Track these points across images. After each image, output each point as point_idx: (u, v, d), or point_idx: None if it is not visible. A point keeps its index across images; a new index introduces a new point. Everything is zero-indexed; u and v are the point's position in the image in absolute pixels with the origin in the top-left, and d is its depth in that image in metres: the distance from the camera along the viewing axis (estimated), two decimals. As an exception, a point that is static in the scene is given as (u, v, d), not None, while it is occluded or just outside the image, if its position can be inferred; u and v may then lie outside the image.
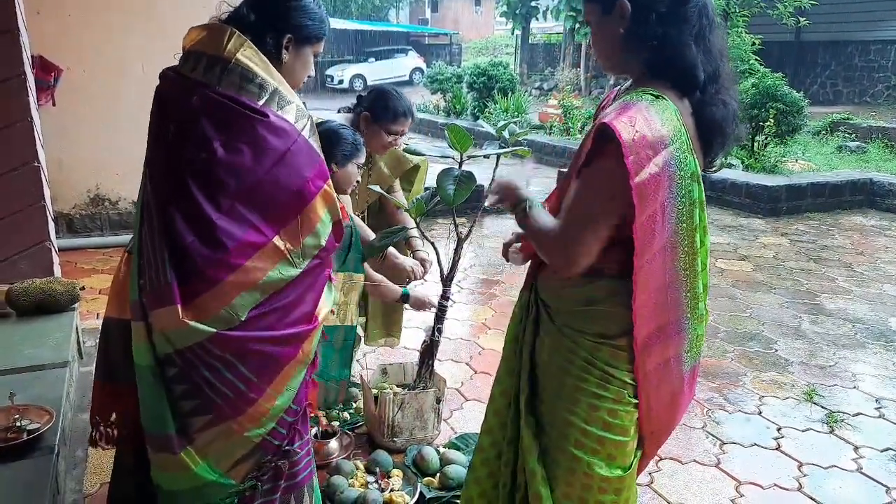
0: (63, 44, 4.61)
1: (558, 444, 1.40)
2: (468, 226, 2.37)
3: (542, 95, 17.38)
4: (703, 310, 1.37)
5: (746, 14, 10.56)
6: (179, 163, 1.36)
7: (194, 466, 1.42)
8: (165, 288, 1.34)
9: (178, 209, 1.34)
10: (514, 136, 2.26)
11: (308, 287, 1.49)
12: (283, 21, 1.50)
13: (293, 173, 1.41)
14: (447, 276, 2.36)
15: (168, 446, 1.41)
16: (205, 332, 1.35)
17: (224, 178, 1.34)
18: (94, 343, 3.31)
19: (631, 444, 1.39)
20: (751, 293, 4.33)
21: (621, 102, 1.24)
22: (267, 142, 1.38)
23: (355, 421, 2.66)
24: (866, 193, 6.85)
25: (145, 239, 1.40)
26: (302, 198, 1.42)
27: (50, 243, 3.06)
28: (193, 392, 1.40)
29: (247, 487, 1.49)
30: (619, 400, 1.35)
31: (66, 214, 5.00)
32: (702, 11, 1.26)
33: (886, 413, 2.89)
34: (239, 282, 1.36)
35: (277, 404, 1.47)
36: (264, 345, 1.42)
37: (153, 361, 1.40)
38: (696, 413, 2.85)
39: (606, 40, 1.33)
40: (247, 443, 1.45)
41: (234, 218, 1.35)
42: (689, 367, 1.40)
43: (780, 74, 7.76)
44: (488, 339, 3.59)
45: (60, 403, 2.13)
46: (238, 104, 1.37)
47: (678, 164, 1.23)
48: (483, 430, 1.62)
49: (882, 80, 13.47)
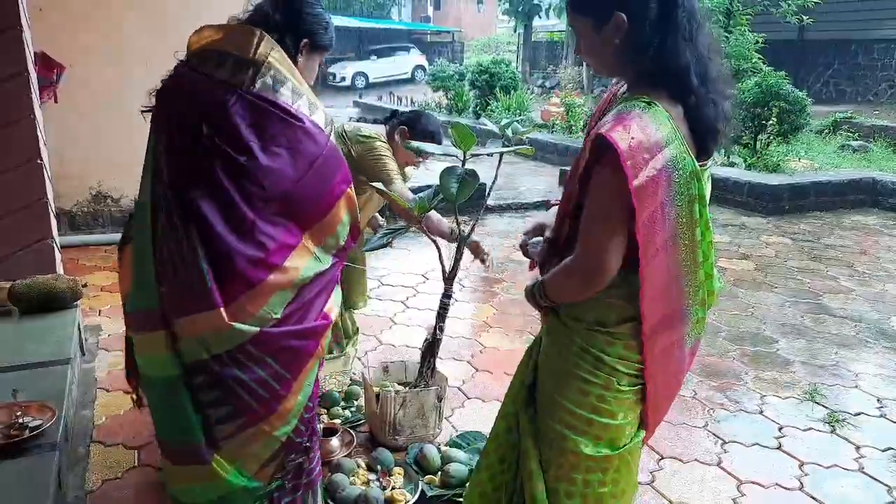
0: (65, 41, 4.61)
1: (548, 425, 1.47)
2: (470, 224, 2.37)
3: (544, 93, 17.35)
4: (705, 295, 1.42)
5: (749, 13, 10.52)
6: (212, 163, 1.33)
7: (226, 474, 1.41)
8: (202, 291, 1.31)
9: (215, 210, 1.32)
10: (517, 135, 2.26)
11: (326, 284, 1.51)
12: (303, 25, 1.56)
13: (324, 177, 1.44)
14: (449, 274, 2.36)
15: (197, 457, 1.39)
16: (248, 332, 1.34)
17: (262, 180, 1.35)
18: (96, 340, 3.32)
19: (619, 427, 1.44)
20: (752, 292, 4.33)
21: (616, 112, 1.28)
22: (303, 146, 1.40)
23: (357, 419, 2.66)
24: (869, 192, 6.83)
25: (165, 244, 1.36)
26: (329, 201, 1.46)
27: (52, 240, 3.06)
28: (225, 398, 1.38)
29: (274, 489, 1.50)
30: (608, 387, 1.40)
31: (69, 211, 5.01)
32: (690, 14, 1.29)
33: (888, 413, 2.89)
34: (277, 281, 1.37)
35: (300, 400, 1.48)
36: (292, 339, 1.42)
37: (178, 371, 1.37)
38: (697, 412, 2.85)
39: (601, 51, 1.36)
40: (275, 442, 1.46)
41: (269, 219, 1.36)
42: (690, 345, 1.47)
43: (783, 73, 7.73)
44: (490, 337, 3.59)
45: (63, 400, 2.14)
46: (276, 108, 1.38)
47: (675, 165, 1.27)
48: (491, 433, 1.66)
49: (885, 79, 13.43)
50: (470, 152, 2.19)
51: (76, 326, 2.77)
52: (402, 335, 3.57)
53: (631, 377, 1.41)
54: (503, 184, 7.24)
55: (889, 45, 13.31)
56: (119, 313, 3.71)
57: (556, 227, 1.46)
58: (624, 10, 1.28)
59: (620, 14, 1.28)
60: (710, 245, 1.40)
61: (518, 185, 7.51)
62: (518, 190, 7.28)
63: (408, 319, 3.78)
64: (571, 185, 1.36)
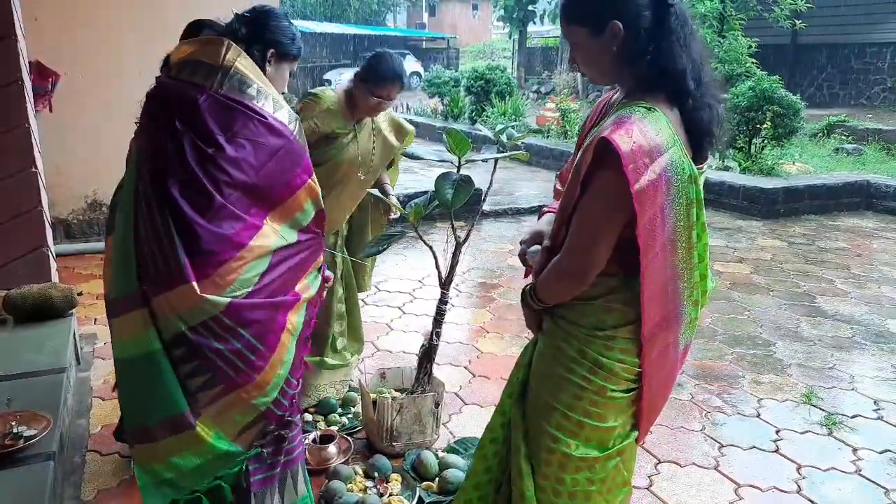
0: (60, 50, 4.61)
1: (539, 425, 1.48)
2: (466, 229, 2.37)
3: (539, 99, 17.39)
4: (698, 296, 1.44)
5: (743, 17, 10.60)
6: (184, 156, 1.48)
7: (209, 438, 1.51)
8: (177, 269, 1.44)
9: (185, 197, 1.46)
10: (511, 140, 2.27)
11: (298, 263, 1.62)
12: (269, 36, 1.73)
13: (283, 167, 1.58)
14: (445, 279, 2.36)
15: (181, 425, 1.49)
16: (220, 303, 1.47)
17: (228, 168, 1.50)
18: (91, 349, 3.31)
19: (608, 429, 1.45)
20: (748, 295, 4.34)
21: (617, 116, 1.30)
22: (265, 139, 1.55)
23: (354, 425, 2.66)
24: (863, 195, 6.87)
25: (144, 230, 1.49)
26: (289, 189, 1.60)
27: (47, 249, 3.05)
28: (203, 367, 1.49)
29: (252, 456, 1.58)
30: (600, 393, 1.41)
31: (64, 220, 5.00)
32: (683, 21, 1.32)
33: (885, 415, 2.89)
34: (244, 258, 1.50)
35: (280, 374, 1.58)
36: (261, 311, 1.53)
37: (159, 345, 1.48)
38: (694, 415, 2.86)
39: (598, 60, 1.38)
40: (253, 411, 1.56)
41: (235, 203, 1.51)
42: (683, 346, 1.48)
43: (777, 77, 7.77)
44: (486, 342, 3.59)
45: (58, 409, 2.13)
46: (240, 105, 1.54)
47: (675, 169, 1.29)
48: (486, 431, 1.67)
49: (878, 83, 13.52)
50: (465, 158, 2.20)
51: (71, 335, 2.77)
52: (398, 341, 3.57)
53: (626, 382, 1.42)
54: (499, 189, 7.25)
55: (881, 49, 13.40)
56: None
57: (554, 234, 1.46)
58: (619, 18, 1.30)
59: (616, 22, 1.30)
60: (706, 247, 1.43)
61: (514, 191, 7.53)
62: (514, 195, 7.30)
63: (404, 325, 3.78)
64: (571, 191, 1.37)
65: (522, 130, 2.48)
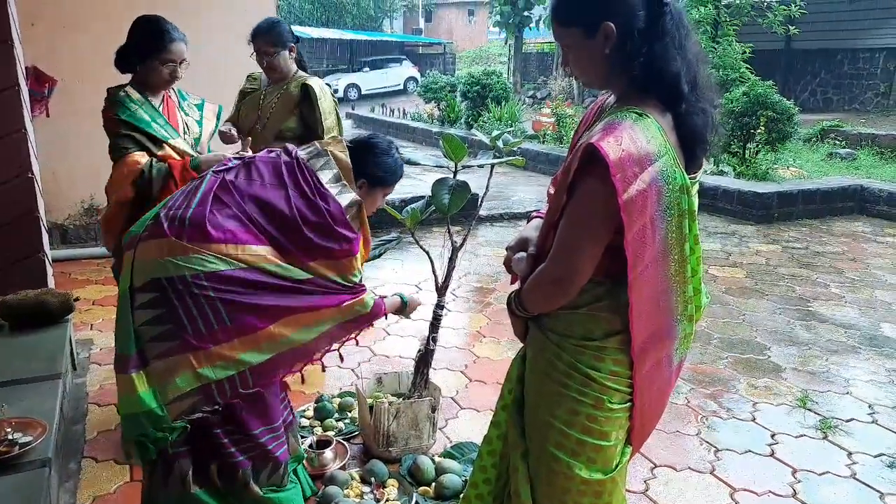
0: (57, 55, 4.62)
1: (539, 444, 1.44)
2: (463, 234, 2.38)
3: (535, 104, 17.44)
4: (692, 311, 1.40)
5: (737, 23, 10.66)
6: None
7: (140, 390, 1.58)
8: (160, 224, 1.67)
9: (212, 205, 1.74)
10: (507, 146, 2.28)
11: (307, 293, 1.74)
12: (364, 168, 1.95)
13: (299, 231, 1.78)
14: (442, 285, 2.37)
15: (124, 367, 1.61)
16: (210, 265, 1.62)
17: (246, 199, 1.76)
18: (87, 354, 3.30)
19: (612, 448, 1.41)
20: (743, 299, 4.36)
21: (607, 122, 1.26)
22: (305, 202, 1.80)
23: (350, 430, 2.66)
24: (857, 200, 6.91)
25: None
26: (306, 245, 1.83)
27: (44, 254, 3.05)
28: (166, 317, 1.60)
29: (176, 432, 1.62)
30: (598, 406, 1.37)
31: (60, 225, 4.99)
32: (678, 22, 1.28)
33: (879, 419, 2.91)
34: (225, 247, 1.66)
35: (239, 357, 1.64)
36: (241, 289, 1.64)
37: (127, 286, 1.66)
38: (690, 420, 2.86)
39: (590, 62, 1.33)
40: (195, 380, 1.61)
41: (244, 222, 1.71)
42: (677, 361, 1.45)
43: (771, 82, 7.82)
44: (483, 347, 3.59)
45: (53, 416, 2.12)
46: (306, 170, 1.82)
47: (665, 178, 1.24)
48: (483, 442, 1.65)
49: (871, 88, 13.61)
50: (461, 163, 2.21)
51: (67, 341, 2.76)
52: (395, 346, 3.57)
53: (622, 394, 1.38)
54: (494, 194, 7.26)
55: (874, 55, 13.50)
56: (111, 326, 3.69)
57: (540, 241, 1.43)
58: (612, 19, 1.26)
59: (609, 23, 1.26)
60: (699, 260, 1.38)
61: (510, 195, 7.55)
62: (510, 200, 7.32)
63: (401, 330, 3.78)
64: (558, 197, 1.33)
65: (518, 136, 2.50)
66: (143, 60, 2.35)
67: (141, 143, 2.35)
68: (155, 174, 2.29)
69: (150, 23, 2.35)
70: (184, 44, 2.38)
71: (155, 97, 2.44)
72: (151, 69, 2.35)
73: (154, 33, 2.32)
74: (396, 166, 2.02)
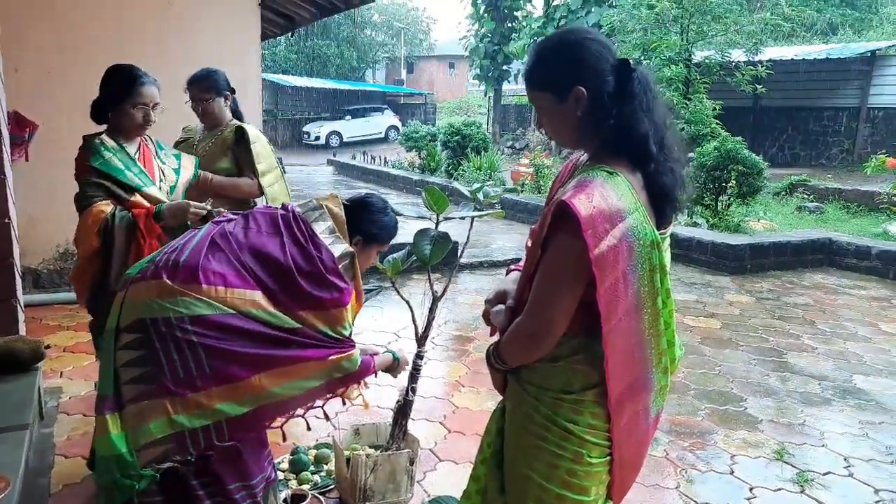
0: (39, 100, 4.63)
1: (519, 499, 1.43)
2: (443, 283, 2.40)
3: (514, 154, 17.80)
4: (667, 363, 1.42)
5: (707, 81, 11.12)
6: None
7: (112, 432, 1.57)
8: (155, 268, 1.69)
9: (209, 249, 1.77)
10: (487, 199, 2.33)
11: (300, 347, 1.73)
12: (360, 224, 2.01)
13: (291, 281, 1.80)
14: (422, 335, 2.37)
15: (100, 407, 1.61)
16: (195, 308, 1.62)
17: (241, 245, 1.78)
18: (56, 403, 3.21)
19: (590, 503, 1.40)
20: (719, 350, 4.41)
21: (578, 179, 1.31)
22: (297, 251, 1.82)
23: (326, 484, 2.60)
24: (826, 252, 7.10)
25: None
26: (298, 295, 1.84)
27: (16, 300, 2.99)
28: (145, 360, 1.60)
29: (146, 475, 1.58)
30: (577, 460, 1.37)
31: (34, 269, 4.91)
32: (645, 85, 1.34)
33: (855, 472, 2.92)
34: (215, 291, 1.67)
35: (217, 407, 1.61)
36: (228, 336, 1.63)
37: (114, 326, 1.66)
38: (669, 473, 2.85)
39: (562, 124, 1.39)
40: (169, 427, 1.59)
41: (235, 267, 1.73)
42: (654, 414, 1.46)
43: (741, 138, 8.11)
44: (462, 397, 3.57)
45: (18, 468, 2.05)
46: (300, 221, 1.86)
47: (636, 234, 1.29)
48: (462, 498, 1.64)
49: (836, 144, 14.17)
50: (443, 215, 2.25)
51: (36, 390, 2.68)
52: (374, 396, 3.52)
53: (601, 447, 1.39)
54: (474, 241, 7.33)
55: (837, 113, 14.12)
56: (81, 374, 3.58)
57: (518, 293, 1.45)
58: (583, 84, 1.32)
59: (580, 88, 1.32)
60: (671, 314, 1.41)
61: (489, 244, 7.62)
62: (489, 248, 7.39)
63: (379, 379, 3.72)
64: (534, 251, 1.37)
65: (497, 186, 2.55)
66: (116, 106, 2.38)
67: (110, 191, 2.33)
68: (117, 222, 2.27)
69: (119, 69, 2.39)
70: (155, 87, 2.41)
71: (130, 144, 2.44)
72: (124, 114, 2.37)
73: (124, 79, 2.36)
74: (391, 224, 2.07)
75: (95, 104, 2.42)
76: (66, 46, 4.80)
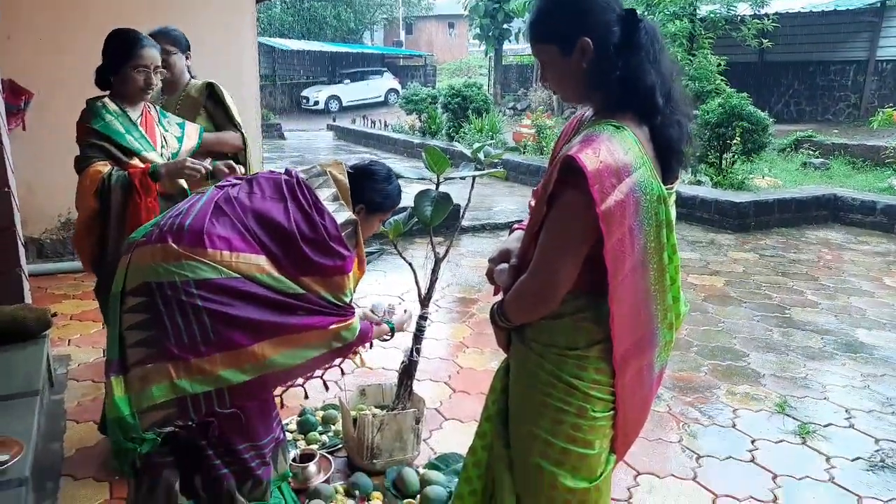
0: (34, 68, 4.57)
1: (524, 455, 1.45)
2: (445, 245, 2.39)
3: (515, 115, 17.60)
4: (672, 319, 1.42)
5: (712, 36, 10.89)
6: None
7: (117, 394, 1.58)
8: (159, 232, 1.67)
9: (213, 215, 1.75)
10: (489, 158, 2.31)
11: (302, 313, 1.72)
12: (362, 193, 1.99)
13: (293, 244, 1.79)
14: (425, 296, 2.38)
15: (107, 370, 1.61)
16: (201, 273, 1.60)
17: (246, 209, 1.77)
18: (65, 370, 3.25)
19: (596, 457, 1.42)
20: (722, 307, 4.42)
21: (585, 134, 1.28)
22: (301, 217, 1.81)
23: (334, 443, 2.64)
24: (831, 209, 7.06)
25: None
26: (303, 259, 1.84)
27: (20, 269, 3.00)
28: (149, 323, 1.60)
29: (148, 438, 1.59)
30: (581, 415, 1.38)
31: (37, 239, 4.91)
32: (652, 36, 1.31)
33: (856, 423, 2.96)
34: (220, 255, 1.67)
35: (219, 374, 1.61)
36: (231, 301, 1.62)
37: (119, 289, 1.66)
38: (672, 427, 2.89)
39: (567, 78, 1.36)
40: (171, 391, 1.59)
41: (240, 231, 1.71)
42: (658, 369, 1.46)
43: (745, 94, 7.98)
44: (466, 357, 3.60)
45: (30, 434, 2.08)
46: (304, 187, 1.85)
47: (643, 189, 1.27)
48: (468, 453, 1.66)
49: (843, 99, 13.95)
50: (444, 176, 2.23)
51: (44, 357, 2.71)
52: (378, 357, 3.56)
53: (604, 402, 1.40)
54: (476, 204, 7.30)
55: (844, 67, 13.86)
56: (89, 342, 3.61)
57: (522, 252, 1.44)
58: (588, 34, 1.29)
59: (585, 39, 1.29)
60: (677, 269, 1.41)
61: (491, 206, 7.59)
62: (491, 210, 7.36)
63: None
64: (538, 209, 1.35)
65: (499, 147, 2.52)
66: (118, 70, 2.35)
67: (110, 153, 2.32)
68: (114, 181, 2.25)
69: (120, 32, 2.36)
70: (156, 50, 2.38)
71: (133, 110, 2.42)
72: (126, 77, 2.35)
73: (125, 42, 2.33)
74: (395, 193, 2.06)
75: (99, 70, 2.39)
76: (58, 13, 4.71)
